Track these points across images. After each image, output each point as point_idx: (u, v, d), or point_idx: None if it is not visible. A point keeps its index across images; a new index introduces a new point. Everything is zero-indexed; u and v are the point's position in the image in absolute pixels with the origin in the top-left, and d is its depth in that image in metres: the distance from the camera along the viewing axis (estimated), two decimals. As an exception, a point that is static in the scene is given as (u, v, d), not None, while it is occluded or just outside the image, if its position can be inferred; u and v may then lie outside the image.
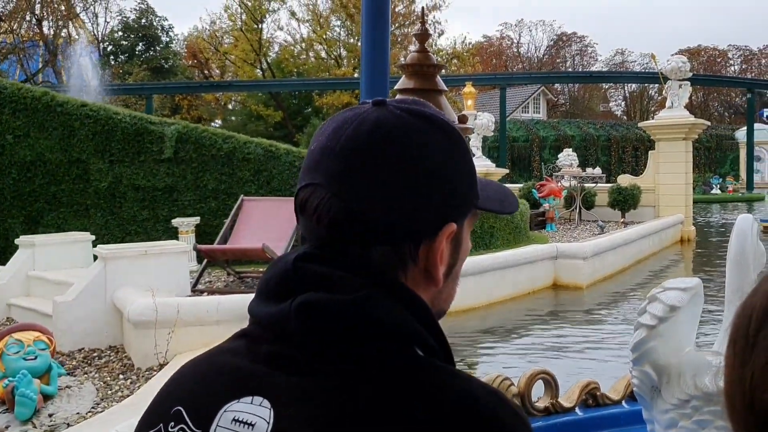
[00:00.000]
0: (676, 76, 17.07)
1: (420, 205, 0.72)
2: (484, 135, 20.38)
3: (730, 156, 44.50)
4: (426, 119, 0.75)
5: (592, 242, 11.68)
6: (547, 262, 11.10)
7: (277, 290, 0.72)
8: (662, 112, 17.64)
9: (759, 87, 44.08)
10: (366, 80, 2.00)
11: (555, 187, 15.79)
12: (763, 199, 31.97)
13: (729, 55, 70.19)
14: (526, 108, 51.26)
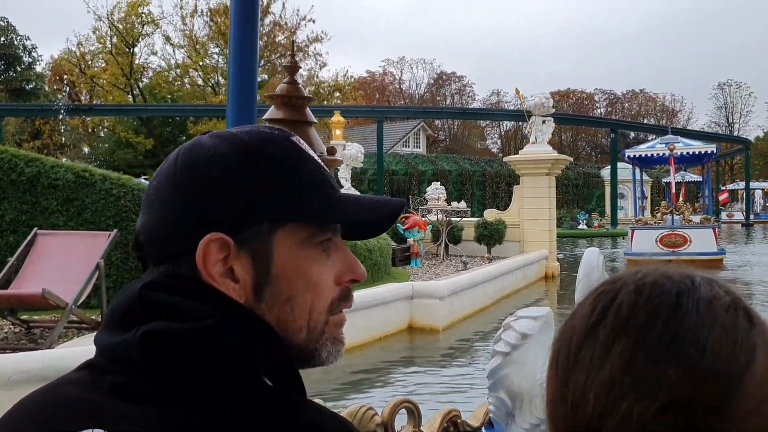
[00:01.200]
0: (540, 112, 16.91)
1: (181, 219, 0.72)
2: (355, 166, 19.51)
3: (597, 193, 46.23)
4: (219, 137, 0.75)
5: (449, 281, 10.86)
6: (402, 302, 10.15)
7: (122, 320, 0.70)
8: (526, 147, 17.43)
9: (621, 128, 46.29)
10: (233, 109, 1.89)
11: (419, 219, 15.03)
12: (626, 235, 33.01)
13: (596, 98, 74.10)
14: (406, 142, 51.36)
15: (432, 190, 17.37)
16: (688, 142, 23.91)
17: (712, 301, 0.60)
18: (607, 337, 0.59)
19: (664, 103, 76.16)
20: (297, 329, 0.75)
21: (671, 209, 20.46)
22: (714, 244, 19.37)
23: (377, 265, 11.73)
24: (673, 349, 0.57)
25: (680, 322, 0.58)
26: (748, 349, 0.58)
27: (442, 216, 16.58)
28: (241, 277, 0.73)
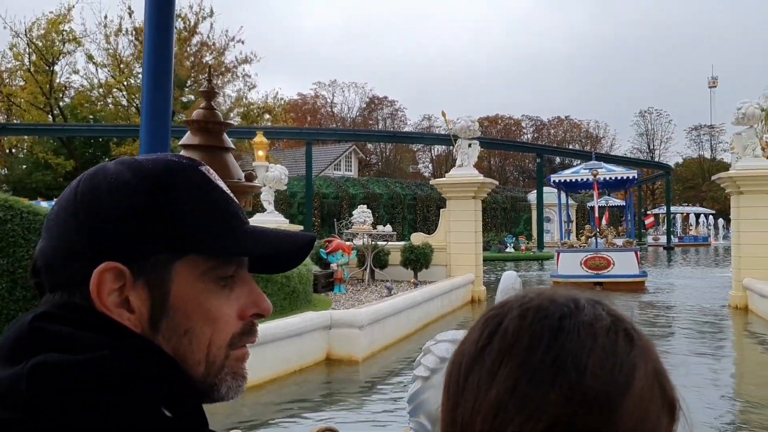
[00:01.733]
0: (466, 135, 16.73)
1: (77, 245, 0.70)
2: (280, 188, 18.85)
3: (524, 216, 46.81)
4: (123, 163, 0.74)
5: (369, 309, 10.34)
6: (319, 332, 9.55)
7: (11, 353, 0.67)
8: (453, 171, 17.20)
9: (547, 153, 47.08)
10: (146, 134, 1.74)
11: (343, 243, 14.50)
12: (551, 258, 33.34)
13: (523, 124, 75.62)
14: (338, 165, 50.93)
15: (358, 213, 16.89)
16: (610, 168, 24.40)
17: (593, 323, 0.61)
18: (493, 361, 0.60)
19: (588, 129, 78.48)
20: (195, 362, 0.73)
21: (595, 233, 20.87)
22: (636, 267, 19.74)
23: (296, 293, 11.11)
24: (555, 372, 0.57)
25: (561, 345, 0.59)
26: (627, 370, 0.59)
27: (368, 240, 16.11)
28: (137, 308, 0.71)
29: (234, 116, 45.70)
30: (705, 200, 65.16)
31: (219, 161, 5.49)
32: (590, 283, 19.17)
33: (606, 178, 22.76)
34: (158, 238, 0.71)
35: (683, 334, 12.81)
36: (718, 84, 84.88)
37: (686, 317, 14.62)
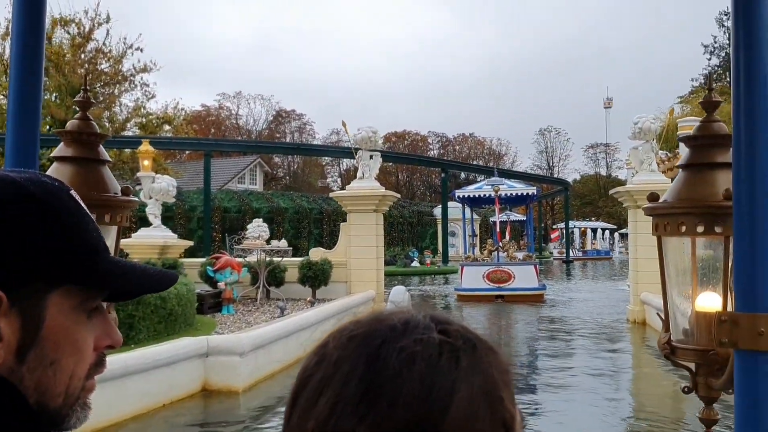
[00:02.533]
0: (367, 146, 16.01)
1: None
2: (167, 201, 17.50)
3: (430, 231, 46.71)
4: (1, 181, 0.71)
5: (252, 333, 9.31)
6: (194, 361, 8.44)
7: None
8: (353, 183, 16.42)
9: (451, 168, 47.33)
10: (12, 143, 1.52)
11: (232, 260, 13.38)
12: (456, 271, 33.14)
13: (429, 140, 76.17)
14: (242, 179, 49.25)
15: (253, 227, 15.79)
16: (511, 184, 24.72)
17: (414, 348, 0.58)
18: (315, 390, 0.58)
19: (492, 146, 79.98)
20: (56, 394, 0.72)
21: (497, 247, 21.22)
22: (535, 280, 20.15)
23: (173, 316, 9.97)
24: (366, 404, 0.55)
25: (376, 374, 0.57)
26: (445, 395, 0.56)
27: (264, 256, 15.03)
28: (6, 336, 0.68)
29: (132, 127, 43.43)
30: (602, 215, 67.51)
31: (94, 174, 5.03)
32: (492, 296, 19.53)
33: (507, 193, 23.19)
34: (36, 265, 0.68)
35: (582, 349, 12.58)
36: (612, 105, 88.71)
37: (585, 332, 14.39)
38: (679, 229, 1.59)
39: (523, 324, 16.39)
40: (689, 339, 1.65)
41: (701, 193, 1.59)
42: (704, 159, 1.65)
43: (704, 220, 1.55)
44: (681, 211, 1.60)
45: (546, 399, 8.68)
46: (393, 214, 46.01)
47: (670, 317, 1.71)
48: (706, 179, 1.61)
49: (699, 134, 1.68)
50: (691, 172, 1.67)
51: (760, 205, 1.24)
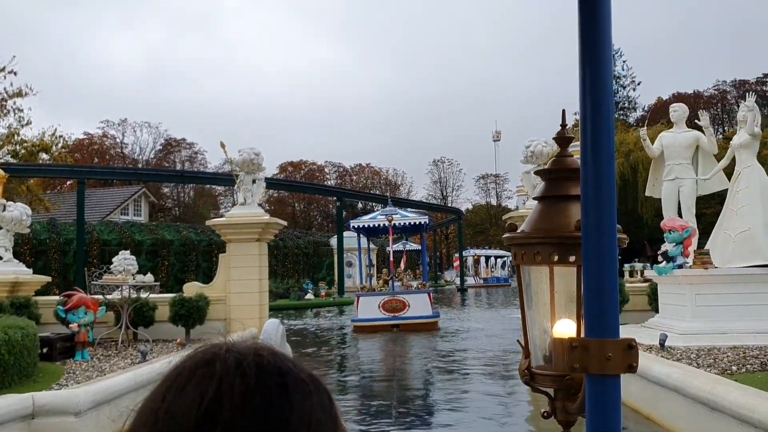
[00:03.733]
0: (249, 169, 14.65)
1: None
2: (21, 231, 15.36)
3: (327, 261, 45.40)
4: None
5: (93, 386, 7.71)
6: (14, 425, 6.76)
7: None
8: (233, 209, 14.97)
9: (346, 196, 46.40)
10: None
11: (86, 298, 11.59)
12: (352, 303, 31.96)
13: (326, 170, 75.19)
14: (125, 210, 46.16)
15: (118, 261, 13.95)
16: (404, 214, 24.68)
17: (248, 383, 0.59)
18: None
19: (388, 176, 80.00)
20: None
21: (391, 276, 21.11)
22: (429, 308, 20.25)
23: (2, 366, 8.18)
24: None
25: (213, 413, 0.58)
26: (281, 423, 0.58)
27: (129, 292, 13.26)
28: None
29: (3, 155, 39.79)
30: (493, 244, 68.57)
31: None
32: (388, 326, 19.46)
33: (401, 223, 23.16)
34: None
35: (476, 378, 11.91)
36: (501, 137, 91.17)
37: (478, 361, 13.62)
38: (535, 258, 1.63)
39: (416, 356, 15.43)
40: (548, 365, 1.66)
41: (555, 224, 1.62)
42: (558, 191, 1.69)
43: (558, 249, 1.58)
44: (536, 241, 1.62)
45: None
46: (288, 245, 44.38)
47: (530, 344, 1.72)
48: (560, 210, 1.65)
49: (553, 168, 1.73)
50: (546, 203, 1.69)
51: (606, 236, 1.28)
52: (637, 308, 13.07)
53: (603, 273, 1.28)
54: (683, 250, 10.39)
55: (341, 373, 13.36)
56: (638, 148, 47.25)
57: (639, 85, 64.78)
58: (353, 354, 16.44)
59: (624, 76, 64.18)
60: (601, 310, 1.29)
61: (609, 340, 1.27)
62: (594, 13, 1.31)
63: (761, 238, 9.97)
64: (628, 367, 1.28)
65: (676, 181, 11.89)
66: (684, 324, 10.05)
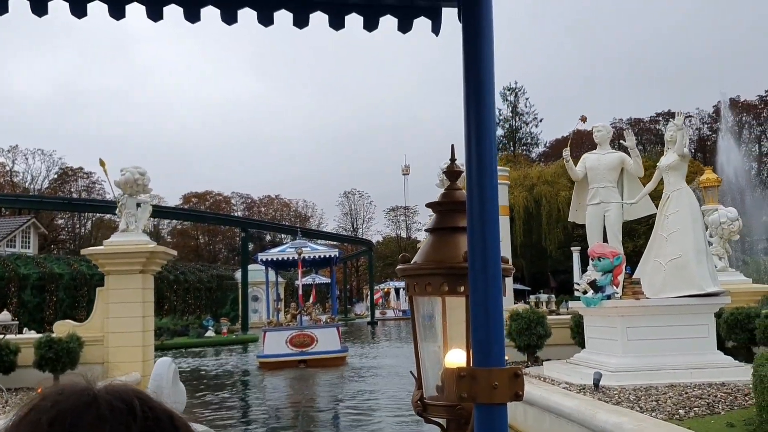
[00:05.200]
0: (132, 191, 12.78)
1: None
2: None
3: (231, 296, 42.92)
4: None
5: None
6: None
7: None
8: (113, 236, 12.98)
9: (251, 226, 44.28)
10: None
11: None
12: (257, 340, 29.90)
13: (233, 201, 72.50)
14: (12, 242, 42.18)
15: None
16: (314, 247, 24.33)
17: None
18: None
19: (298, 208, 78.12)
20: None
21: (300, 310, 20.52)
22: (338, 343, 19.82)
23: None
24: None
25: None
26: None
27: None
28: None
29: None
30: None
31: None
32: (295, 362, 18.95)
33: (310, 256, 22.58)
34: None
35: (386, 421, 10.54)
36: (410, 171, 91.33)
37: (389, 403, 12.26)
38: (426, 289, 1.62)
39: (323, 396, 13.87)
40: (441, 396, 1.62)
41: (445, 255, 1.61)
42: (448, 223, 1.69)
43: (448, 280, 1.58)
44: (427, 272, 1.62)
45: None
46: (189, 279, 41.65)
47: (423, 375, 1.69)
48: (450, 242, 1.64)
49: (443, 201, 1.76)
50: (437, 235, 1.70)
51: (491, 267, 1.31)
52: (559, 342, 12.07)
53: (489, 303, 1.32)
54: (612, 279, 9.42)
55: (243, 423, 11.59)
56: (541, 181, 47.97)
57: (541, 121, 66.50)
58: (255, 398, 14.65)
59: (527, 113, 65.67)
60: (487, 340, 1.32)
61: (496, 369, 1.31)
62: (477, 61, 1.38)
63: (693, 265, 9.14)
64: (514, 395, 1.33)
65: (601, 205, 11.01)
66: (615, 360, 9.02)
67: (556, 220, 48.31)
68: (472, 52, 1.36)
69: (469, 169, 1.35)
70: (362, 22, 1.84)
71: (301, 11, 1.82)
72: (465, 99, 1.35)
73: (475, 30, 1.37)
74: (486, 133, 1.34)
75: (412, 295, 1.69)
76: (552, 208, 48.14)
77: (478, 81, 1.34)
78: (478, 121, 1.34)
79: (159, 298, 40.52)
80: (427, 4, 1.80)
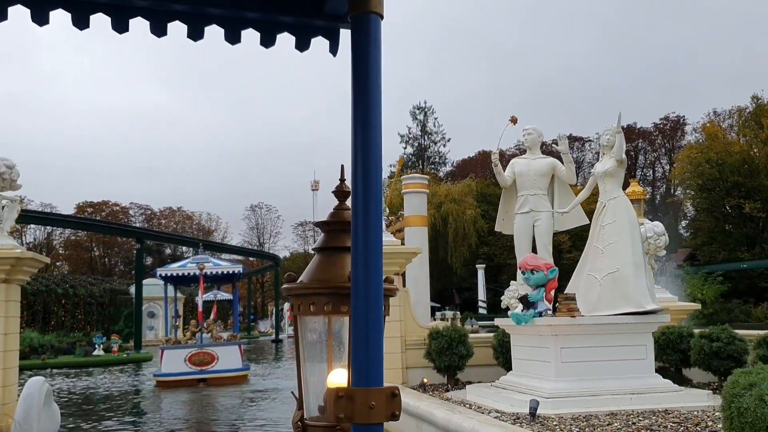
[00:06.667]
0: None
1: None
2: None
3: (125, 312, 39.86)
4: None
5: None
6: None
7: None
8: (-29, 241, 10.85)
9: (148, 237, 41.50)
10: None
11: None
12: (150, 359, 27.49)
13: (131, 212, 68.47)
14: None
15: None
16: (217, 262, 23.31)
17: None
18: None
19: (201, 221, 74.77)
20: None
21: (200, 328, 19.76)
22: (239, 361, 19.34)
23: None
24: None
25: None
26: None
27: None
28: None
29: None
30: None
31: None
32: (195, 380, 18.38)
33: (213, 271, 21.47)
34: None
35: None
36: (319, 187, 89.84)
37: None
38: (310, 308, 1.60)
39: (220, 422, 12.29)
40: (323, 416, 1.58)
41: (331, 275, 1.61)
42: (335, 243, 1.69)
43: (332, 299, 1.57)
44: (312, 291, 1.61)
45: None
46: (79, 292, 38.34)
47: (305, 395, 1.67)
48: (336, 262, 1.64)
49: (330, 220, 1.75)
50: (324, 254, 1.69)
51: (374, 287, 1.33)
52: (481, 363, 11.05)
53: (370, 323, 1.33)
54: (545, 294, 8.47)
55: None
56: (449, 199, 47.84)
57: (449, 141, 66.93)
58: (143, 428, 12.80)
59: (436, 132, 65.88)
60: (367, 359, 1.33)
61: (373, 389, 1.32)
62: (366, 83, 1.40)
63: (632, 280, 8.30)
64: (391, 415, 1.35)
65: (530, 213, 10.04)
66: (549, 385, 8.01)
67: (462, 238, 48.31)
68: (361, 73, 1.41)
69: (355, 189, 1.38)
70: (259, 38, 1.86)
71: (196, 23, 1.81)
72: (353, 121, 1.39)
73: (363, 52, 1.42)
74: (372, 153, 1.37)
75: (297, 315, 1.67)
76: (458, 226, 48.14)
77: (365, 102, 1.38)
78: (365, 143, 1.36)
79: (46, 313, 37.14)
80: (325, 25, 1.83)
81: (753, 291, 40.37)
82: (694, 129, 55.36)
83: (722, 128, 47.09)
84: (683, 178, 45.83)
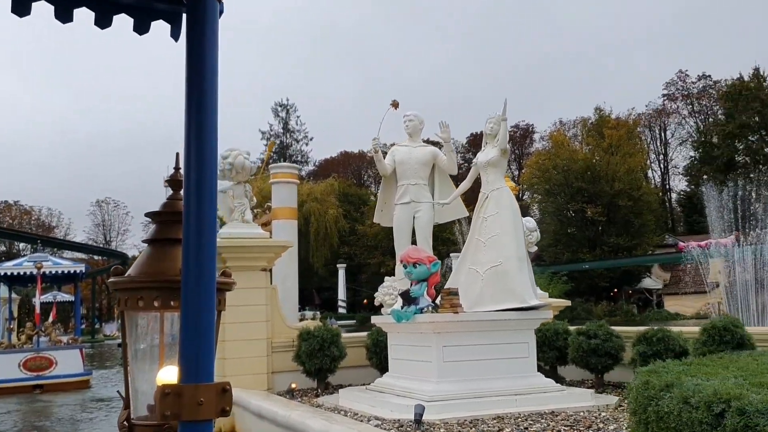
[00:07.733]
0: None
1: None
2: None
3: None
4: None
5: None
6: None
7: None
8: None
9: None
10: None
11: None
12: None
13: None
14: None
15: None
16: (57, 261, 21.79)
17: None
18: None
19: (41, 217, 68.22)
20: None
21: (37, 331, 18.79)
22: (81, 366, 18.43)
23: None
24: None
25: None
26: None
27: None
28: None
29: None
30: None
31: None
32: (29, 387, 17.37)
33: (52, 271, 20.05)
34: None
35: None
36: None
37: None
38: (138, 303, 1.53)
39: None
40: (153, 415, 1.51)
41: (161, 268, 1.53)
42: (167, 235, 1.62)
43: (162, 294, 1.51)
44: (141, 286, 1.53)
45: None
46: None
47: (133, 394, 1.59)
48: (168, 254, 1.56)
49: (163, 210, 1.68)
50: (155, 247, 1.61)
51: (205, 281, 1.27)
52: (352, 364, 10.30)
53: (201, 318, 1.28)
54: (427, 289, 7.88)
55: None
56: (311, 198, 47.02)
57: (312, 140, 66.04)
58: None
59: (298, 130, 64.75)
60: (197, 354, 1.27)
61: (202, 385, 1.26)
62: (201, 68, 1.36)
63: (515, 274, 7.91)
64: (221, 411, 1.29)
65: (411, 204, 9.43)
66: (430, 387, 7.41)
67: (324, 237, 47.73)
68: (196, 58, 1.38)
69: (188, 177, 1.33)
70: (93, 18, 1.66)
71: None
72: (186, 107, 1.35)
73: (199, 36, 1.39)
74: (206, 138, 1.34)
75: (123, 310, 1.58)
76: (320, 225, 47.54)
77: (200, 88, 1.34)
78: (199, 129, 1.32)
79: None
80: (166, 8, 1.70)
81: (594, 290, 43.25)
82: (542, 137, 58.63)
83: (568, 137, 50.11)
84: (532, 182, 48.26)
